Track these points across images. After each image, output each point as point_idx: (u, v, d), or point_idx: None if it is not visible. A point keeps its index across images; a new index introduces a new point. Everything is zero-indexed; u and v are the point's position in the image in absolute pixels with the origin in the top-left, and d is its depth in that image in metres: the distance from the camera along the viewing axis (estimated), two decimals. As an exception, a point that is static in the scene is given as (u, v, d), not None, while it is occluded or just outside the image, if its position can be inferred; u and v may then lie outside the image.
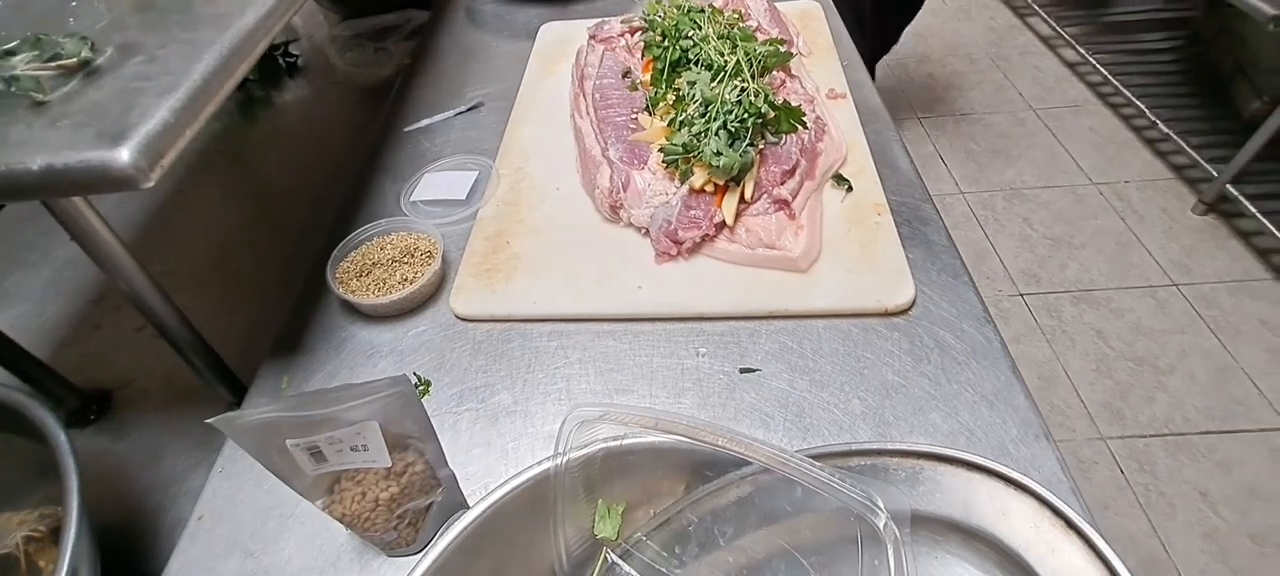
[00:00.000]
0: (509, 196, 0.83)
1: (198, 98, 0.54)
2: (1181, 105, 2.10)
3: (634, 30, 0.99)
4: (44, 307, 0.93)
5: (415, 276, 0.71)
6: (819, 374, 0.62)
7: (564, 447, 0.43)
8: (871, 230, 0.72)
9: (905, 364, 0.62)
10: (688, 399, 0.61)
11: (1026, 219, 1.91)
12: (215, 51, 0.58)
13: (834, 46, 1.01)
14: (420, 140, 0.96)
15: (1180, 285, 1.71)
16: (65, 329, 0.90)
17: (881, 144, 0.85)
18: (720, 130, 0.71)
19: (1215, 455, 1.41)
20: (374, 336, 0.70)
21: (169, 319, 0.65)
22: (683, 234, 0.70)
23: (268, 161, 1.15)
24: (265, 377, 0.68)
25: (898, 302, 0.65)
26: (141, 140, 0.49)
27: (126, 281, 0.61)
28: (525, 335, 0.69)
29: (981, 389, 0.59)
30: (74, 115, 0.52)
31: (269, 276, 0.95)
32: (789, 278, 0.69)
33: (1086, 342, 1.60)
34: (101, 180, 0.48)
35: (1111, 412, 1.47)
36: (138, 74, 0.56)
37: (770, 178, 0.72)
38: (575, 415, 0.42)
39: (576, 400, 0.62)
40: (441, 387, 0.65)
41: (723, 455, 0.43)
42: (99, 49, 0.58)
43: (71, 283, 0.96)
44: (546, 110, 0.96)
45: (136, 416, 0.81)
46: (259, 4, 0.65)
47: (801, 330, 0.66)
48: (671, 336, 0.67)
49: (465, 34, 1.20)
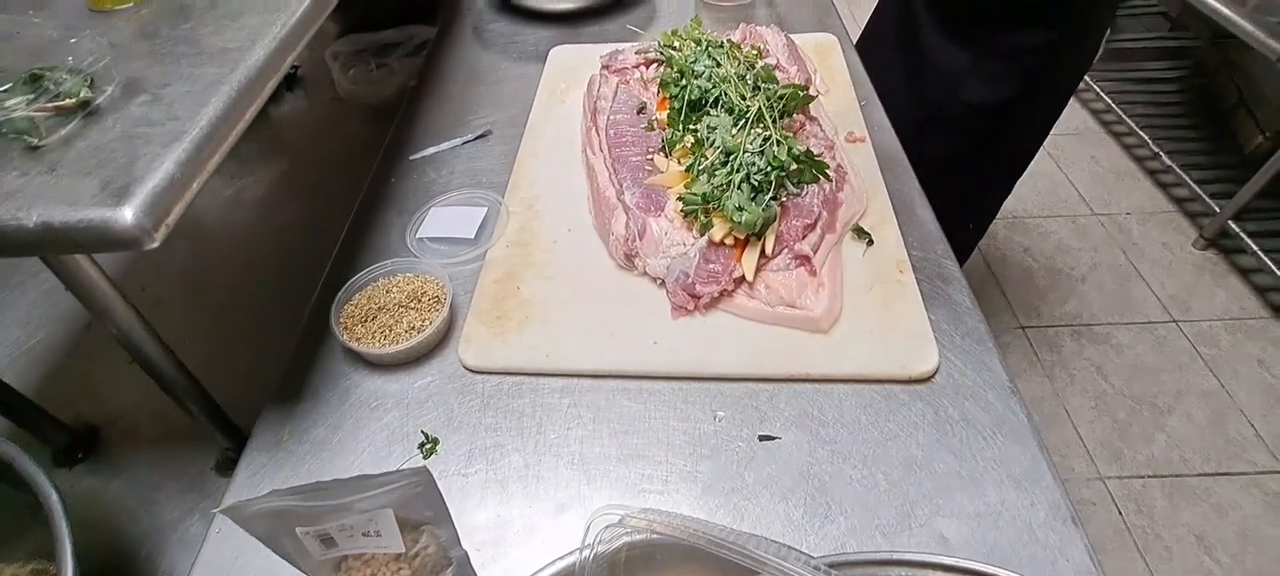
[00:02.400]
0: (519, 236, 0.80)
1: (204, 147, 0.51)
2: (1183, 137, 2.11)
3: (649, 62, 0.97)
4: (30, 333, 0.90)
5: (423, 324, 0.69)
6: (840, 444, 0.60)
7: (591, 543, 0.41)
8: (893, 288, 0.71)
9: (929, 437, 0.60)
10: (705, 468, 0.59)
11: (1027, 249, 1.91)
12: (223, 93, 0.55)
13: (851, 83, 1.00)
14: (426, 170, 0.93)
15: (1179, 321, 1.71)
16: (52, 358, 0.87)
17: (901, 192, 0.83)
18: (743, 183, 0.69)
19: (1212, 498, 1.41)
20: (379, 386, 0.68)
21: (164, 365, 0.62)
22: (701, 289, 0.68)
23: (264, 179, 1.12)
24: (266, 426, 0.65)
25: (922, 370, 0.64)
26: (146, 198, 0.46)
27: (118, 326, 0.58)
28: (536, 390, 0.66)
29: (1009, 467, 0.58)
30: (73, 163, 0.50)
31: (264, 304, 0.92)
32: (809, 338, 0.67)
33: (1086, 379, 1.60)
34: (103, 240, 0.45)
35: (1110, 452, 1.47)
36: (141, 117, 0.53)
37: (792, 232, 0.71)
38: (601, 518, 0.40)
39: (590, 464, 0.60)
40: (450, 446, 0.63)
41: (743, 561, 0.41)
42: (99, 86, 0.55)
43: (60, 307, 0.92)
44: (557, 142, 0.93)
45: (126, 455, 0.78)
46: (267, 38, 0.62)
47: (821, 395, 0.64)
48: (688, 397, 0.65)
49: (472, 54, 1.17)
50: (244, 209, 1.06)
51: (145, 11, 0.68)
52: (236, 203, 1.07)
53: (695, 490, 0.58)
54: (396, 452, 0.63)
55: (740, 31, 1.00)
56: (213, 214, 1.06)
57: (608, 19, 1.23)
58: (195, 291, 0.93)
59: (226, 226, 1.04)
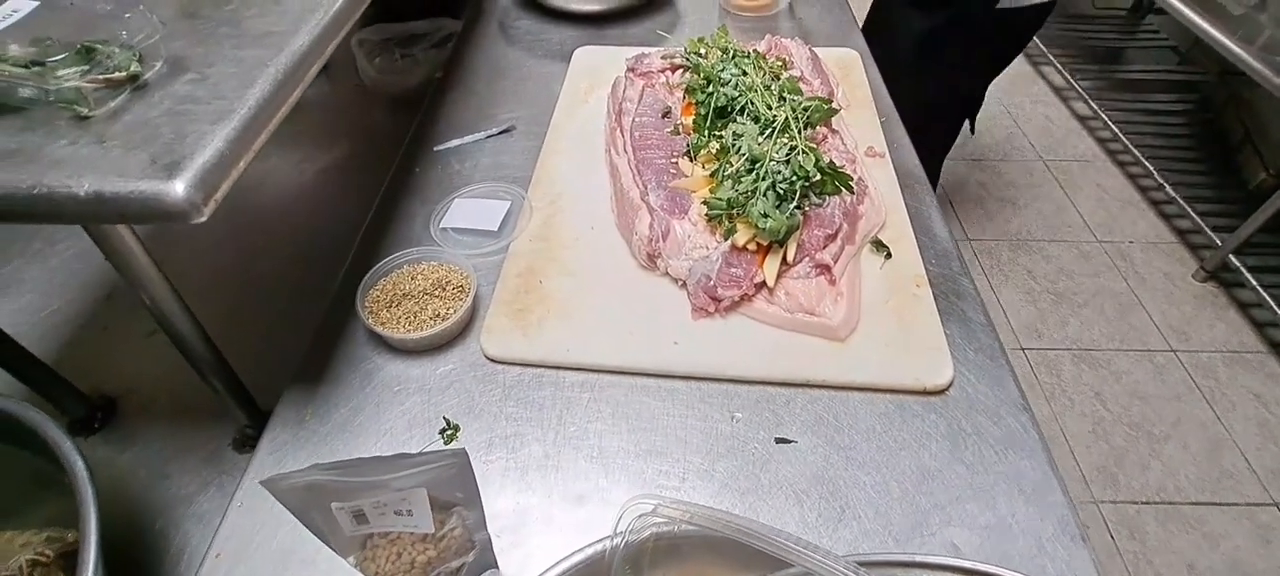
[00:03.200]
0: (541, 231, 0.81)
1: (250, 127, 0.52)
2: (1188, 169, 2.13)
3: (674, 67, 0.98)
4: (49, 301, 0.91)
5: (447, 312, 0.70)
6: (854, 451, 0.61)
7: (623, 531, 0.42)
8: (909, 301, 0.72)
9: (942, 448, 0.61)
10: (722, 466, 0.61)
11: (1030, 271, 1.93)
12: (269, 76, 0.56)
13: (872, 99, 1.01)
14: (451, 161, 0.94)
15: (1178, 352, 1.73)
16: (71, 327, 0.87)
17: (919, 209, 0.85)
18: (768, 190, 0.70)
19: (1204, 526, 1.43)
20: (401, 371, 0.69)
21: (194, 340, 0.63)
22: (722, 292, 0.69)
23: (288, 161, 1.13)
24: (289, 404, 0.66)
25: (936, 383, 0.65)
26: (197, 172, 0.47)
27: (152, 298, 0.59)
28: (557, 383, 0.67)
29: (1020, 482, 0.59)
30: (121, 136, 0.51)
31: (284, 285, 0.93)
32: (826, 345, 0.68)
33: (1085, 403, 1.62)
34: (152, 212, 0.46)
35: (1106, 477, 1.49)
36: (187, 95, 0.54)
37: (813, 241, 0.72)
38: (634, 507, 0.41)
39: (609, 458, 0.61)
40: (471, 433, 0.64)
41: (775, 553, 0.43)
42: (148, 62, 0.56)
43: (80, 277, 0.93)
44: (580, 141, 0.95)
45: (143, 427, 0.78)
46: (311, 24, 0.63)
47: (837, 402, 0.65)
48: (706, 397, 0.66)
49: (497, 49, 1.19)
50: (267, 191, 1.07)
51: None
52: (260, 184, 1.08)
53: (712, 487, 0.59)
54: (417, 436, 0.63)
55: (766, 42, 1.02)
56: (235, 193, 1.07)
57: (631, 22, 1.24)
58: (216, 268, 0.94)
59: (249, 206, 1.05)
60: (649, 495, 0.41)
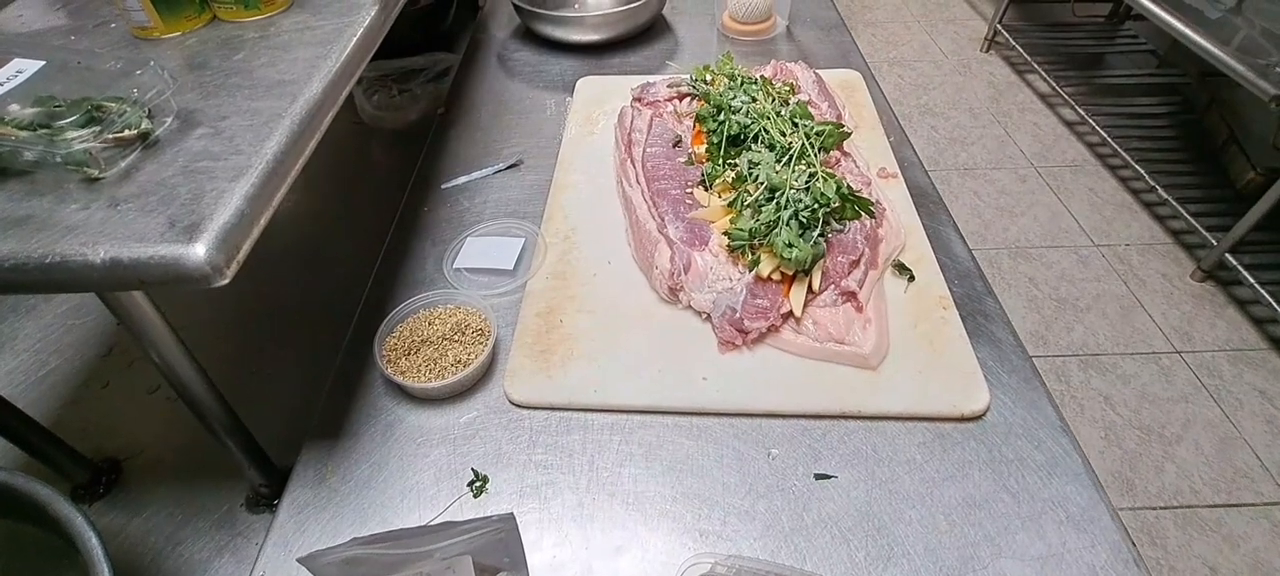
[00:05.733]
0: (557, 268, 0.80)
1: (270, 181, 0.51)
2: (1177, 170, 2.16)
3: (681, 95, 0.98)
4: (45, 360, 0.87)
5: (469, 357, 0.68)
6: (896, 484, 0.60)
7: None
8: (937, 325, 0.71)
9: (985, 476, 0.60)
10: (762, 507, 0.59)
11: (1032, 278, 1.94)
12: (285, 127, 0.55)
13: (878, 119, 1.01)
14: (459, 199, 0.93)
15: (1182, 353, 1.74)
16: (70, 387, 0.84)
17: (935, 228, 0.84)
18: (791, 219, 0.69)
19: (1223, 529, 1.42)
20: (423, 421, 0.67)
21: (207, 400, 0.61)
22: (749, 324, 0.68)
23: (290, 205, 1.11)
24: (306, 465, 0.64)
25: (973, 408, 0.64)
26: (218, 233, 0.45)
27: (164, 359, 0.56)
28: (585, 426, 0.66)
29: (1067, 508, 0.58)
30: (136, 198, 0.49)
31: (291, 333, 0.90)
32: (858, 375, 0.67)
33: (1095, 409, 1.61)
34: (174, 277, 0.44)
35: (1122, 482, 1.48)
36: (202, 150, 0.53)
37: (837, 268, 0.71)
38: (693, 569, 0.39)
39: (645, 503, 0.59)
40: (500, 483, 0.61)
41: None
42: (158, 118, 0.55)
43: (77, 332, 0.90)
44: (590, 173, 0.93)
45: (151, 490, 0.75)
46: (324, 71, 0.62)
47: (874, 432, 0.64)
48: (740, 434, 0.64)
49: (498, 82, 1.18)
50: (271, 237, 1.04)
51: (192, 41, 0.68)
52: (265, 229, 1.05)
53: (754, 530, 0.57)
54: (444, 490, 0.61)
55: (772, 67, 1.02)
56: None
57: (631, 50, 1.24)
58: (222, 320, 0.91)
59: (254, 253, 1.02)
60: (704, 555, 0.40)
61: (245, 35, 0.68)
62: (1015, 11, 3.02)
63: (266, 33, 0.68)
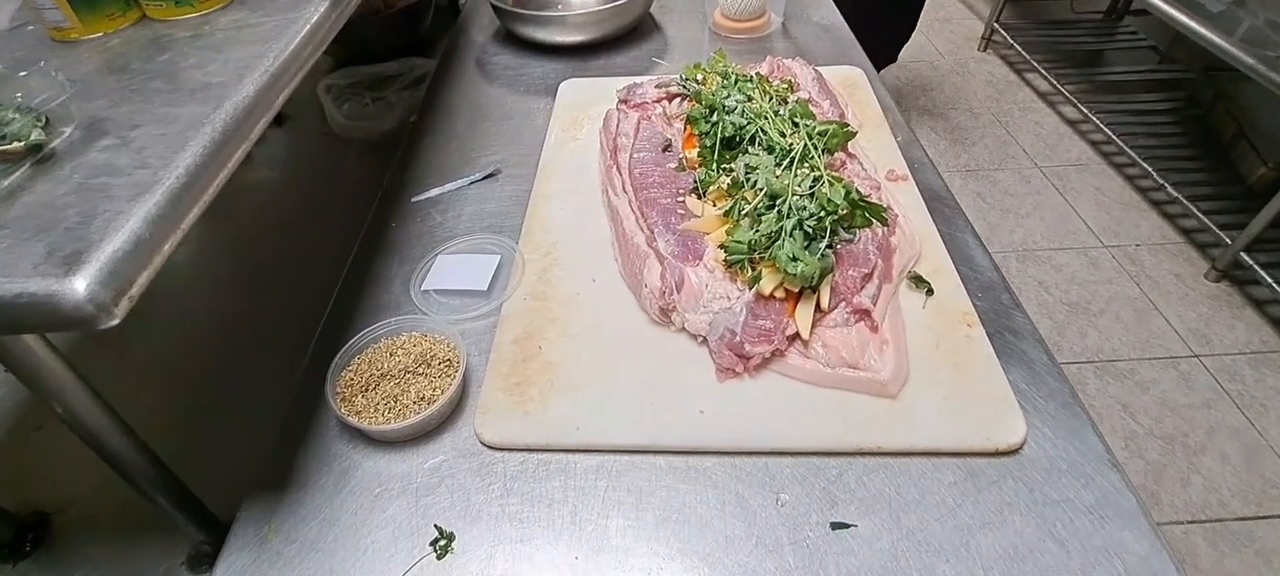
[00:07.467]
0: (537, 287, 0.72)
1: (180, 200, 0.43)
2: (1186, 167, 2.09)
3: (670, 96, 0.90)
4: (-29, 401, 0.79)
5: (434, 393, 0.60)
6: (925, 533, 0.52)
7: None
8: (962, 344, 0.63)
9: (1027, 522, 0.52)
10: (772, 565, 0.51)
11: (1042, 282, 1.86)
12: (205, 135, 0.47)
13: (883, 118, 0.94)
14: (431, 212, 0.85)
15: (1201, 356, 1.66)
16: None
17: (952, 234, 0.77)
18: (795, 230, 0.62)
19: (1255, 543, 1.34)
20: (382, 467, 0.58)
21: (127, 452, 0.53)
22: (750, 348, 0.60)
23: (243, 224, 1.02)
24: (248, 521, 0.56)
25: (1009, 442, 0.56)
26: (105, 265, 0.37)
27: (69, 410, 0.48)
28: (567, 469, 0.57)
29: (1124, 557, 0.50)
30: (17, 222, 0.41)
31: (244, 371, 0.82)
32: (875, 404, 0.59)
33: (1114, 418, 1.54)
34: (48, 319, 0.36)
35: (1148, 496, 1.40)
36: (104, 165, 0.45)
37: (848, 283, 0.63)
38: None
39: (635, 560, 0.51)
40: (468, 542, 0.53)
41: None
42: (55, 128, 0.47)
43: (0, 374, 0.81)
44: (572, 182, 0.86)
45: (82, 548, 0.67)
46: (258, 71, 0.54)
47: (897, 471, 0.56)
48: (743, 476, 0.56)
49: (475, 88, 1.10)
50: (220, 260, 0.96)
51: (115, 42, 0.60)
52: (212, 252, 0.97)
53: (763, 593, 0.49)
54: (402, 551, 0.53)
55: (768, 64, 0.95)
56: (182, 266, 0.96)
57: (617, 51, 1.17)
58: (161, 358, 0.83)
59: (199, 279, 0.94)
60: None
61: (175, 34, 0.60)
62: (1012, 10, 2.96)
63: (200, 32, 0.60)
